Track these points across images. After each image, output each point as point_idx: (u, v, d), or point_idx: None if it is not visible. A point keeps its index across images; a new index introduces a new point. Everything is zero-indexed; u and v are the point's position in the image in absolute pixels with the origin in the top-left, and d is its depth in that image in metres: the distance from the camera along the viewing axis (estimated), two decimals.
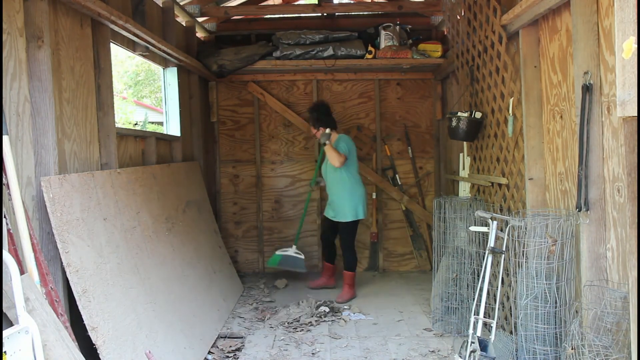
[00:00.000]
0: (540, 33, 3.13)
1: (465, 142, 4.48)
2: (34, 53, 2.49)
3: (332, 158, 4.65)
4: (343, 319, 4.23)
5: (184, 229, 4.08)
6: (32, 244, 2.19)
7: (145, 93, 14.42)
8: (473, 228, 3.22)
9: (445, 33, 5.18)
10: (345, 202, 4.75)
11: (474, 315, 2.86)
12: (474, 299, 3.23)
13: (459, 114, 4.01)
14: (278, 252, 5.36)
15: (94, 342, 2.40)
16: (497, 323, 2.86)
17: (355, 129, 5.87)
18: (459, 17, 4.40)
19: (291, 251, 5.33)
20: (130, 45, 3.83)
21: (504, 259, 2.97)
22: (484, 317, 2.84)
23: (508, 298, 3.32)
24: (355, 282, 5.01)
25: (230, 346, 3.65)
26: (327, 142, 4.71)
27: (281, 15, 5.85)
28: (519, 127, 3.32)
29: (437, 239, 4.03)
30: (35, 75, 2.50)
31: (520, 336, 2.81)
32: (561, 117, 2.90)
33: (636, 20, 1.47)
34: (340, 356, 3.52)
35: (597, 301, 2.38)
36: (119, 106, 12.08)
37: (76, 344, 2.23)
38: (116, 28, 3.31)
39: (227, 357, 3.52)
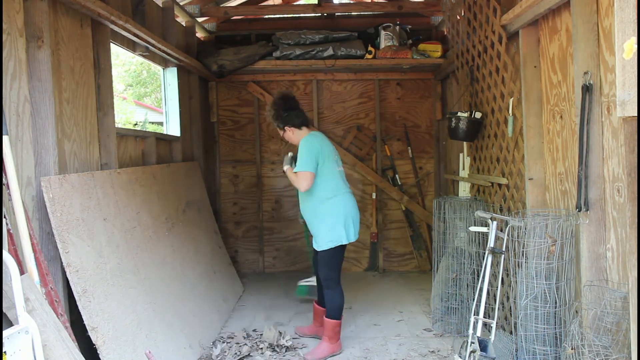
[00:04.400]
0: (540, 33, 3.13)
1: (465, 142, 4.48)
2: (33, 53, 2.49)
3: (294, 183, 3.56)
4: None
5: (184, 229, 4.08)
6: (32, 244, 2.18)
7: (145, 92, 14.39)
8: (473, 228, 3.22)
9: (445, 33, 5.17)
10: (320, 223, 3.53)
11: (474, 315, 2.85)
12: (473, 299, 3.22)
13: (459, 114, 4.01)
14: (303, 283, 4.64)
15: (94, 342, 2.40)
16: (497, 323, 2.86)
17: (355, 129, 5.87)
18: (459, 17, 4.40)
19: (313, 281, 4.46)
20: (130, 45, 3.83)
21: (504, 259, 2.97)
22: (484, 317, 2.83)
23: (508, 298, 3.31)
24: (341, 334, 3.65)
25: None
26: (289, 166, 3.68)
27: (281, 15, 5.86)
28: (519, 127, 3.32)
29: (437, 239, 4.03)
30: (35, 75, 2.50)
31: (520, 336, 2.80)
32: (561, 117, 2.90)
33: (636, 20, 1.47)
34: (340, 356, 3.52)
35: (597, 301, 2.38)
36: (119, 106, 12.07)
37: (76, 344, 2.23)
38: (116, 28, 3.31)
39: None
